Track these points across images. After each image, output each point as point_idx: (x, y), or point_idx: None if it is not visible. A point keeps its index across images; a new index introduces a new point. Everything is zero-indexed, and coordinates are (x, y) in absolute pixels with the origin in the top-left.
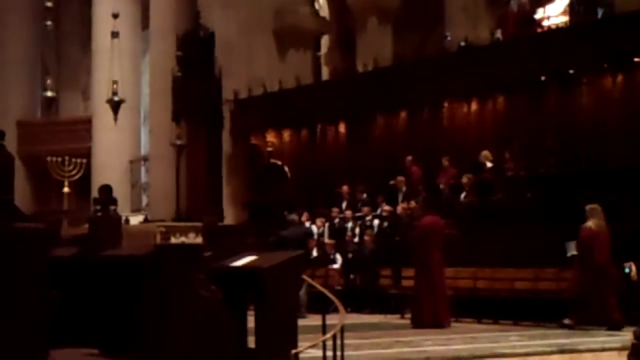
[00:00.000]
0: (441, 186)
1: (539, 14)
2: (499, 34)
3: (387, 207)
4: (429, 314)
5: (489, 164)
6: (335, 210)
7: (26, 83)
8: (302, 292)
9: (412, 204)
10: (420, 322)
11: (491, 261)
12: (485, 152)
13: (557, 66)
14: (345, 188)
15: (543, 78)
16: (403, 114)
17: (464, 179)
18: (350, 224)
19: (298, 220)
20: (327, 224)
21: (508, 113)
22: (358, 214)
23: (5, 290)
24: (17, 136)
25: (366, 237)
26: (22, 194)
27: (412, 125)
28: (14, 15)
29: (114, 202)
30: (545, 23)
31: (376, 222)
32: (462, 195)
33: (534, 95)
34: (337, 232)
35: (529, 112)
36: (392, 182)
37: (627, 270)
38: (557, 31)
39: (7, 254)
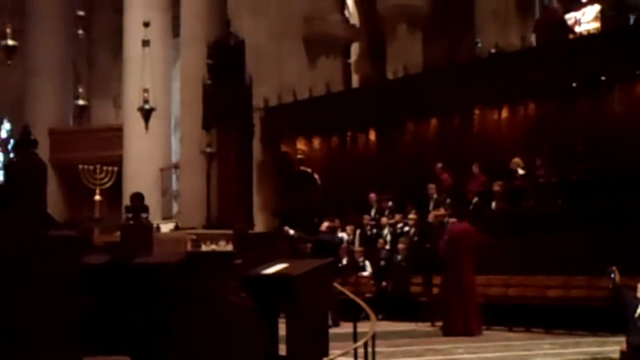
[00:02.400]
0: (470, 193)
1: (571, 20)
2: (532, 40)
3: (412, 215)
4: (460, 322)
5: (520, 171)
6: (366, 217)
7: (58, 91)
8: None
9: (442, 211)
10: (451, 330)
11: (522, 268)
12: (517, 159)
13: (589, 72)
14: (373, 195)
15: (574, 84)
16: (433, 121)
17: (495, 187)
18: (385, 231)
19: (328, 227)
20: (357, 231)
21: (539, 119)
22: (391, 222)
23: (38, 298)
24: (50, 144)
25: (400, 245)
26: (54, 202)
27: (443, 132)
28: (46, 23)
29: (146, 209)
30: (576, 29)
31: (406, 229)
32: (493, 203)
33: (565, 102)
34: (368, 239)
35: (560, 118)
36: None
37: (612, 275)
38: (588, 37)
39: (40, 261)
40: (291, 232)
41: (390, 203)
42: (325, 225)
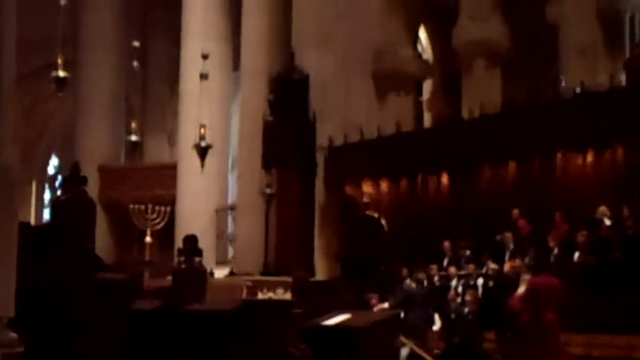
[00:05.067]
0: (551, 244)
1: None
2: (621, 79)
3: (493, 266)
4: None
5: (606, 221)
6: (433, 267)
7: (110, 126)
8: (404, 354)
9: (517, 262)
10: None
11: (607, 327)
12: (603, 208)
13: None
14: (447, 244)
15: None
16: (512, 165)
17: (580, 237)
18: (454, 282)
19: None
20: (425, 282)
21: (628, 165)
22: (462, 272)
23: (84, 343)
24: (99, 181)
25: (468, 297)
26: (103, 242)
27: (522, 177)
28: (100, 53)
29: (199, 253)
30: None
31: (480, 281)
32: (576, 255)
33: None
34: (437, 291)
35: None
36: (498, 237)
37: None
38: None
39: (88, 304)
40: (384, 305)
41: (468, 252)
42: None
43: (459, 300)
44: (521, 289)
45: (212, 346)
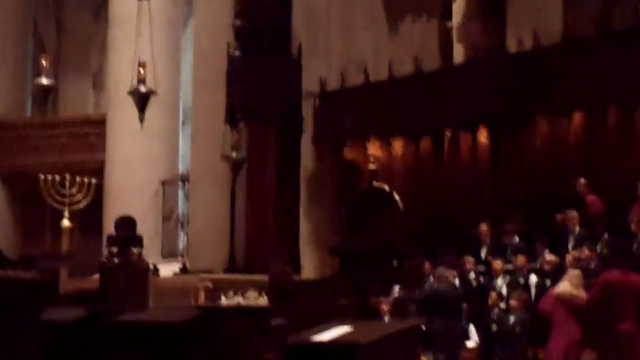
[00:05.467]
0: (632, 227)
1: None
2: None
3: (550, 257)
4: None
5: None
6: (468, 260)
7: (12, 64)
8: None
9: (585, 252)
10: None
11: None
12: None
13: None
14: (484, 228)
15: None
16: (577, 117)
17: None
18: (498, 281)
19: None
20: (457, 281)
21: None
22: (507, 267)
23: None
24: None
25: (513, 302)
26: (2, 228)
27: (592, 134)
28: None
29: (138, 242)
30: None
31: (533, 278)
32: None
33: None
34: (474, 293)
35: None
36: (558, 217)
37: None
38: None
39: None
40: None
41: (516, 239)
42: (442, 272)
43: (502, 305)
44: (562, 287)
45: None
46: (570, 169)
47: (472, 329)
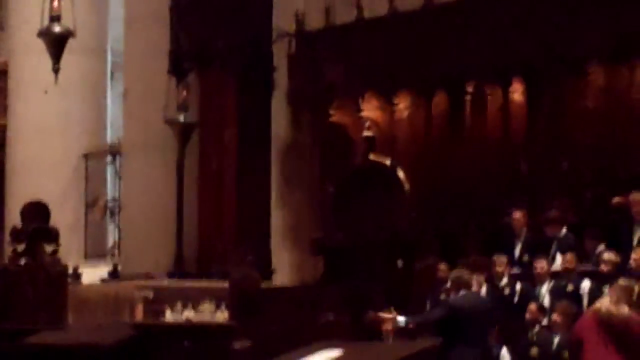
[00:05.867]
0: None
1: None
2: None
3: (608, 256)
4: None
5: None
6: (500, 260)
7: None
8: None
9: None
10: None
11: None
12: None
13: None
14: (518, 215)
15: None
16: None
17: None
18: (543, 288)
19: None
20: (485, 288)
21: None
22: (554, 269)
23: None
24: None
25: (556, 317)
26: None
27: None
28: None
29: (53, 237)
30: None
31: (586, 284)
32: None
33: None
34: (507, 304)
35: None
36: (616, 201)
37: None
38: None
39: None
40: (400, 320)
41: (563, 231)
42: (462, 276)
43: (545, 322)
44: (599, 303)
45: None
46: (634, 136)
47: (504, 353)
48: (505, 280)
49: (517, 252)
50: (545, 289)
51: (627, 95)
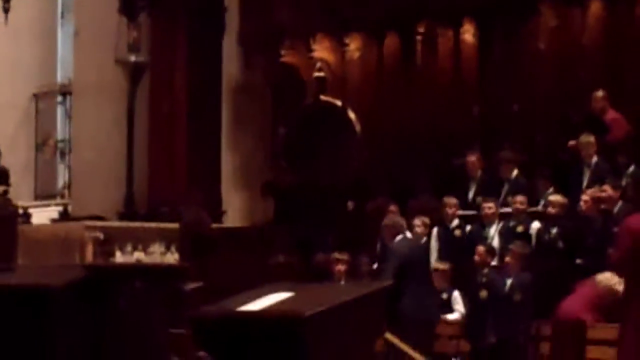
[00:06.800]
0: None
1: None
2: None
3: (555, 198)
4: None
5: None
6: (451, 202)
7: None
8: None
9: (608, 190)
10: None
11: None
12: None
13: None
14: (473, 158)
15: None
16: (596, 4)
17: None
18: (492, 229)
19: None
20: (436, 230)
21: None
22: (504, 209)
23: None
24: None
25: (510, 259)
26: None
27: (615, 28)
28: None
29: (3, 178)
30: None
31: (536, 225)
32: None
33: None
34: (458, 247)
35: None
36: (570, 144)
37: None
38: None
39: None
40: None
41: (514, 173)
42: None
43: (494, 263)
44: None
45: (24, 351)
46: (586, 78)
47: (456, 296)
48: (456, 222)
49: (471, 194)
50: (493, 230)
51: (580, 36)
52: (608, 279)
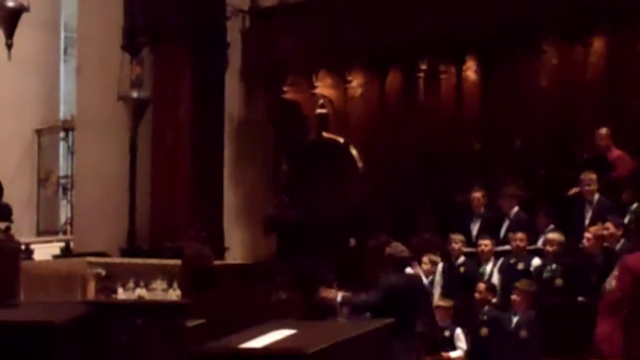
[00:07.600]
0: None
1: None
2: None
3: (553, 236)
4: None
5: None
6: (457, 237)
7: None
8: None
9: (610, 227)
10: None
11: None
12: None
13: None
14: (478, 195)
15: None
16: (598, 41)
17: None
18: (488, 267)
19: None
20: (441, 266)
21: None
22: (501, 248)
23: None
24: None
25: (515, 297)
26: None
27: (617, 64)
28: None
29: (4, 214)
30: None
31: (536, 262)
32: None
33: None
34: (462, 283)
35: None
36: (573, 192)
37: None
38: None
39: None
40: (338, 297)
41: (515, 209)
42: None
43: (494, 300)
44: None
45: None
46: (588, 115)
47: (459, 333)
48: (462, 259)
49: (474, 231)
50: (489, 268)
51: (581, 73)
52: None
